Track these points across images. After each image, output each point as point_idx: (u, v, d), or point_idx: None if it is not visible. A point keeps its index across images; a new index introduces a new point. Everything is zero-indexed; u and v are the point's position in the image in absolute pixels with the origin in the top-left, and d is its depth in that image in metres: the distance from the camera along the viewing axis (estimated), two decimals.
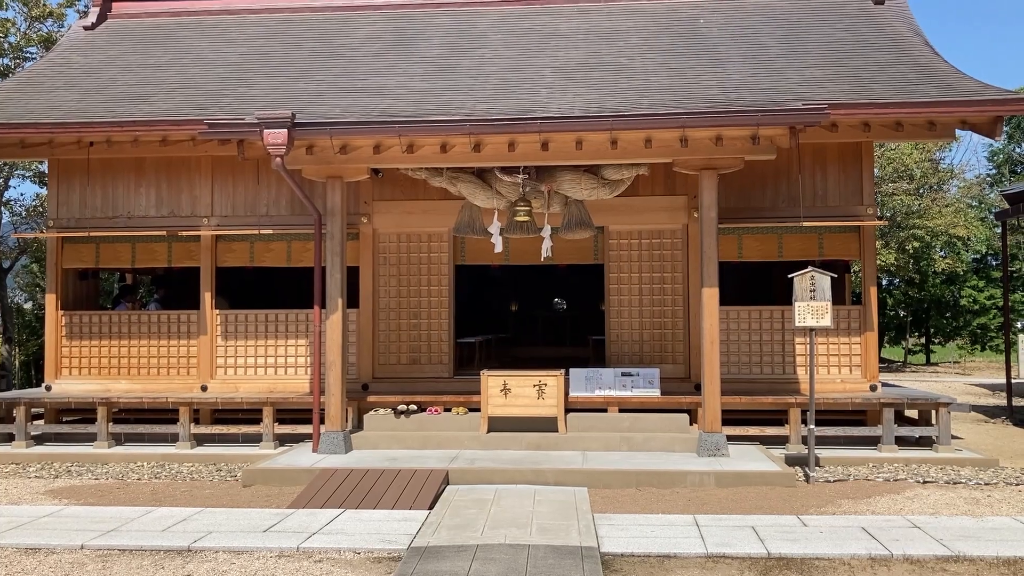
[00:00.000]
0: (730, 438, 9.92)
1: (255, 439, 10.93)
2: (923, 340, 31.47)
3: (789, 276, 9.27)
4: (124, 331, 11.92)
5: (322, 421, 10.11)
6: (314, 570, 5.99)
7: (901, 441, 10.47)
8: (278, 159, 9.14)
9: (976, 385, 20.75)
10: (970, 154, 49.87)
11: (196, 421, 11.21)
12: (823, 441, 10.29)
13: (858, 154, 11.20)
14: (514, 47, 12.54)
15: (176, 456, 10.60)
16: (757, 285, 14.42)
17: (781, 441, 10.42)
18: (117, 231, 11.80)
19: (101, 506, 8.08)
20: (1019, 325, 24.72)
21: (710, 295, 9.61)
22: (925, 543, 6.38)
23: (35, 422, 11.53)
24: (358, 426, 10.72)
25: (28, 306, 23.16)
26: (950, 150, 28.53)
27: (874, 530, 6.74)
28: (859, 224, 11.05)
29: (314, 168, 9.91)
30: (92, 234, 11.76)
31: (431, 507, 7.71)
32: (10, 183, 19.55)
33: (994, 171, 30.34)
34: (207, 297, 11.74)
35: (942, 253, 27.41)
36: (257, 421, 11.02)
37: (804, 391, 10.47)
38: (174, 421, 11.06)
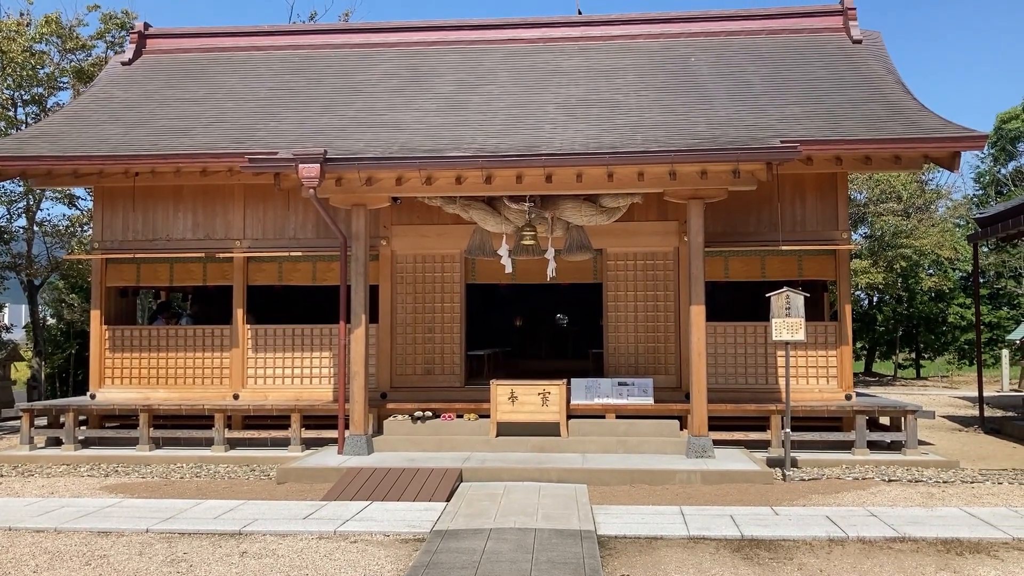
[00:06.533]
0: (717, 442, 10.95)
1: (283, 443, 11.95)
2: (913, 355, 32.46)
3: (766, 295, 10.32)
4: (162, 344, 12.98)
5: (346, 426, 11.14)
6: (351, 549, 7.00)
7: (874, 446, 11.45)
8: (311, 190, 10.21)
9: (959, 398, 21.69)
10: (956, 176, 50.96)
11: (229, 427, 12.24)
12: (802, 445, 11.31)
13: (834, 184, 12.26)
14: (520, 83, 13.64)
15: (212, 458, 11.62)
16: (747, 303, 15.43)
17: (764, 445, 11.43)
18: (157, 253, 12.88)
19: (155, 499, 9.10)
20: (1015, 339, 25.30)
21: (697, 312, 10.64)
22: (878, 528, 7.40)
23: (79, 428, 12.56)
24: (378, 431, 11.74)
25: (53, 321, 24.13)
26: (937, 172, 29.58)
27: (836, 518, 7.76)
28: (835, 248, 12.10)
29: (340, 197, 10.97)
30: (135, 256, 12.83)
31: (448, 499, 8.72)
32: (42, 205, 20.68)
33: (980, 191, 31.37)
34: (239, 313, 12.81)
35: (930, 272, 28.41)
36: (284, 427, 12.04)
37: (785, 400, 11.47)
38: (207, 427, 12.07)
